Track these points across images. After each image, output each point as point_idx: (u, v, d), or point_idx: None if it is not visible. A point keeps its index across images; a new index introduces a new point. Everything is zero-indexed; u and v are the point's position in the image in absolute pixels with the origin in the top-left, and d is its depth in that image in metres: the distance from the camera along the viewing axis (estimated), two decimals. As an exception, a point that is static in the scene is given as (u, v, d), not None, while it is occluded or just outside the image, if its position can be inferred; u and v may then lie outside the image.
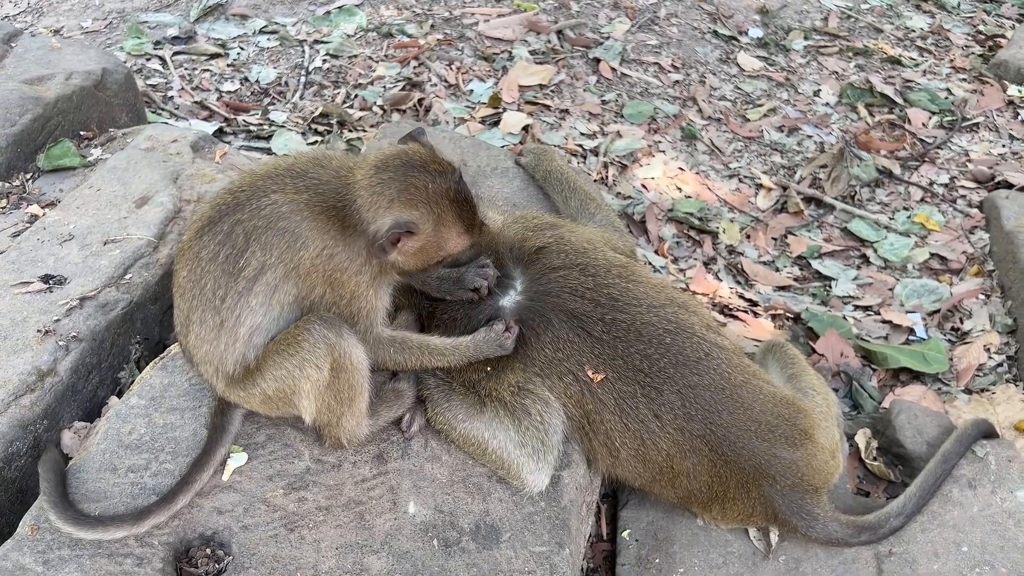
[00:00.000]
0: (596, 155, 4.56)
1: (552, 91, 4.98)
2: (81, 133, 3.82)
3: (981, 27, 6.11)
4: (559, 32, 5.43)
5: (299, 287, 2.17)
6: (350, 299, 2.22)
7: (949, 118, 5.14)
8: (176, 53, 5.02)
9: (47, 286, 2.85)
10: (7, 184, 3.52)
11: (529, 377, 2.41)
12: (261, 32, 5.23)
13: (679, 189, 4.45)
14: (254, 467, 2.32)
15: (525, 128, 4.64)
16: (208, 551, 2.17)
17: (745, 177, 4.62)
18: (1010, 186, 4.53)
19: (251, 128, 4.51)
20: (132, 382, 2.64)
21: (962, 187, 4.63)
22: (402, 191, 2.11)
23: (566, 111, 4.85)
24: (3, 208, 3.42)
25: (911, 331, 3.74)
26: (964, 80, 5.52)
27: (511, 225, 2.66)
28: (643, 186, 4.43)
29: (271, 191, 2.16)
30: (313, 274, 2.16)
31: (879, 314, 3.85)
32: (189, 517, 2.20)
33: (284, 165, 2.26)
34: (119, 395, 2.78)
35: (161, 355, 2.61)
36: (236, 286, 2.13)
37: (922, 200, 4.55)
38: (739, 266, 4.08)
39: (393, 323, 2.53)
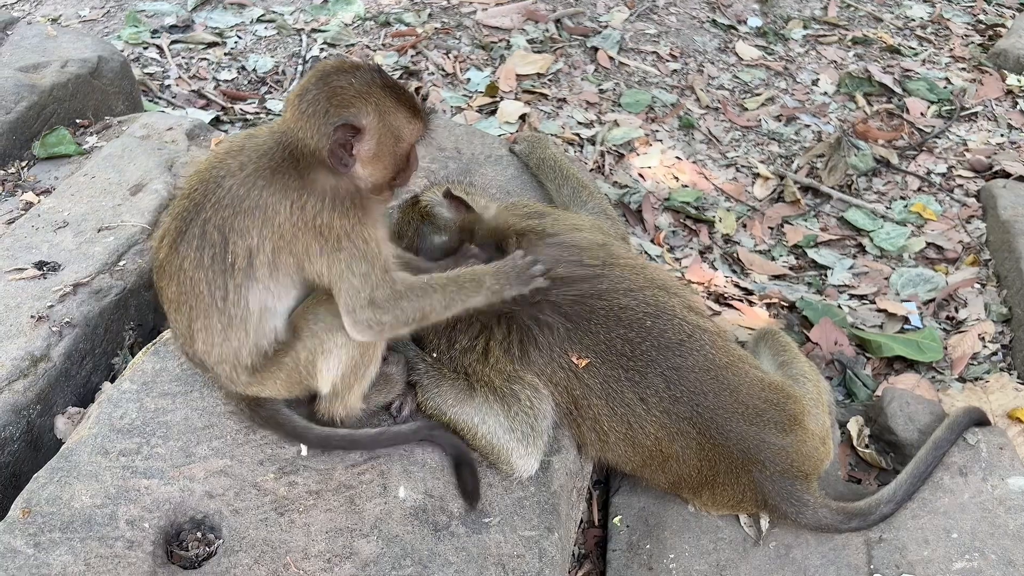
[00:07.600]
0: (593, 144, 4.55)
1: (550, 80, 4.97)
2: (77, 121, 3.82)
3: (981, 16, 6.09)
4: (557, 21, 5.42)
5: (294, 254, 2.11)
6: (347, 244, 2.11)
7: (947, 107, 5.12)
8: (173, 42, 5.02)
9: (41, 272, 2.86)
10: (2, 171, 3.53)
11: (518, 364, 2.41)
12: (259, 21, 5.23)
13: (676, 178, 4.45)
14: (245, 451, 2.32)
15: (522, 117, 4.63)
16: (199, 534, 2.19)
17: (742, 166, 4.61)
18: (1007, 175, 4.53)
19: (248, 117, 4.51)
20: (125, 367, 2.65)
21: (959, 176, 4.62)
22: (331, 97, 2.06)
23: (563, 100, 4.84)
24: (-2, 195, 3.43)
25: (906, 320, 3.74)
26: (963, 69, 5.50)
27: (500, 212, 2.66)
28: (640, 175, 4.43)
29: (221, 179, 2.13)
30: (299, 235, 2.10)
31: (874, 303, 3.85)
32: (180, 501, 2.20)
33: (222, 150, 2.22)
34: (112, 381, 2.80)
35: (153, 341, 2.62)
36: (234, 279, 2.10)
37: (919, 189, 4.54)
38: (735, 255, 4.08)
39: None
